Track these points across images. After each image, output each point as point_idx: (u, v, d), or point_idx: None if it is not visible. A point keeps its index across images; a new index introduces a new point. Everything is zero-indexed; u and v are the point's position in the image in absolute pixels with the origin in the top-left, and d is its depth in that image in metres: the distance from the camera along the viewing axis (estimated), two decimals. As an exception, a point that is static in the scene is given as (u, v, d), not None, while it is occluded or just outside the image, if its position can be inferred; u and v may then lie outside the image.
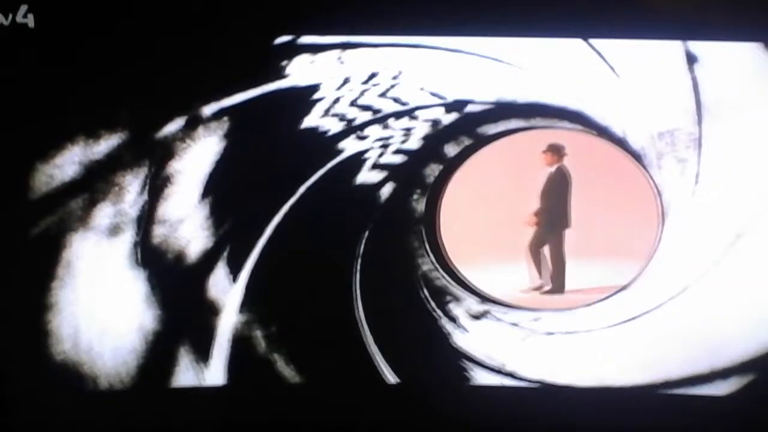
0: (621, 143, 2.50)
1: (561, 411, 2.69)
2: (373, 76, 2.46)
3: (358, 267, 2.56)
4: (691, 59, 2.39)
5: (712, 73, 2.43)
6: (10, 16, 2.38)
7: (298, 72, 2.46)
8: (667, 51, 2.44)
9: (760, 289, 2.53)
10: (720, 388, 2.60)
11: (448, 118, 2.50)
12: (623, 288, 2.57)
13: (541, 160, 2.73)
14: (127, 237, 2.61)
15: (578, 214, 2.62)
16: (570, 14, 2.41)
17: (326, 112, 2.45)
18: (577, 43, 2.42)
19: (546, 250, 2.70)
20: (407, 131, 2.48)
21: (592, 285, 2.64)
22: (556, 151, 2.65)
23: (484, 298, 2.63)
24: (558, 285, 2.73)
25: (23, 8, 2.38)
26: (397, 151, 2.50)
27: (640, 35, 2.42)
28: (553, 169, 2.71)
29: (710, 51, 2.43)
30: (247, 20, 2.44)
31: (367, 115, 2.47)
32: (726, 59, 2.42)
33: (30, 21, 2.39)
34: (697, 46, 2.42)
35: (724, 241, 2.52)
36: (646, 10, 2.40)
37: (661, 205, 2.52)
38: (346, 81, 2.46)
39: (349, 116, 2.48)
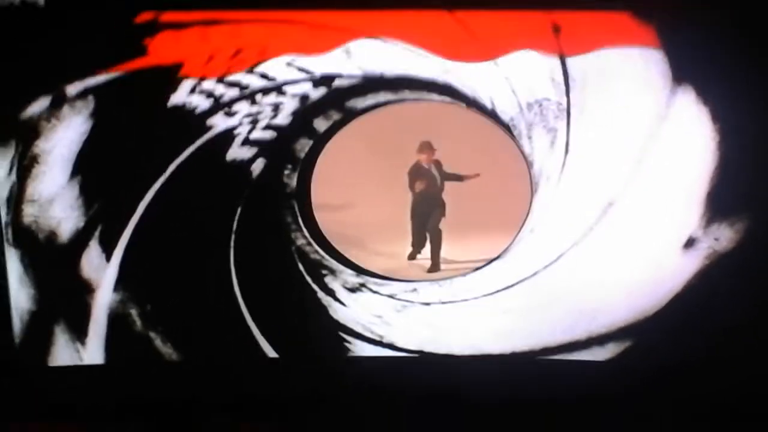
0: (491, 115, 2.47)
1: (441, 380, 2.75)
2: (238, 52, 2.40)
3: (233, 243, 2.53)
4: (557, 29, 2.35)
5: (579, 42, 2.39)
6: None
7: (162, 50, 2.41)
8: (533, 21, 2.37)
9: (632, 256, 2.55)
10: (598, 354, 2.68)
11: (316, 93, 2.49)
12: (497, 258, 2.54)
13: (420, 159, 2.85)
14: (-2, 217, 2.43)
15: (452, 188, 2.58)
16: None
17: (193, 90, 2.43)
18: (443, 15, 2.36)
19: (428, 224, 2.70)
20: (276, 107, 2.47)
21: (468, 256, 2.59)
22: (429, 147, 2.80)
23: (360, 271, 2.61)
24: (435, 264, 2.78)
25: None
26: (267, 127, 2.51)
27: (505, 5, 2.36)
28: (432, 164, 2.82)
29: (577, 21, 2.38)
30: (107, -3, 2.34)
31: (235, 92, 2.45)
32: (592, 29, 2.35)
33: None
34: (563, 17, 2.35)
35: (596, 209, 2.55)
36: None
37: (533, 175, 2.48)
38: (211, 58, 2.39)
39: (217, 93, 2.46)
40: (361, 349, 2.64)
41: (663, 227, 2.52)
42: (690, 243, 2.44)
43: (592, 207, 2.54)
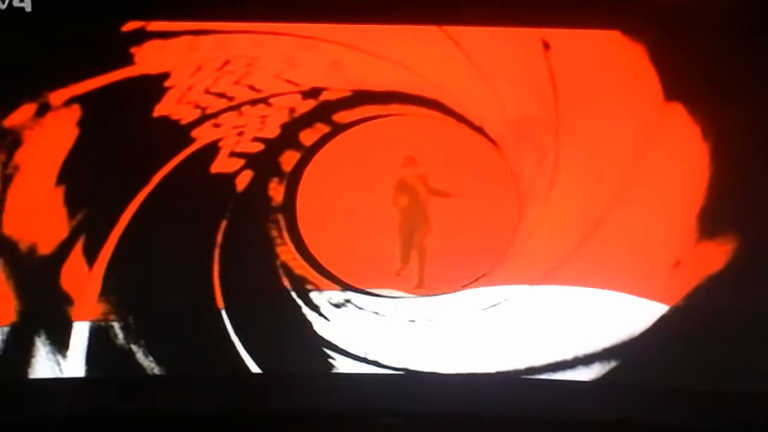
0: (479, 131, 2.43)
1: (425, 398, 2.72)
2: (226, 63, 2.38)
3: (217, 256, 2.49)
4: (547, 46, 2.34)
5: (568, 60, 2.37)
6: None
7: (149, 59, 2.38)
8: (523, 38, 2.37)
9: (620, 276, 2.46)
10: (583, 374, 2.66)
11: (304, 106, 2.43)
12: (483, 275, 2.51)
13: (404, 173, 2.76)
14: (-21, 226, 2.40)
15: (438, 204, 2.56)
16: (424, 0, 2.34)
17: (179, 100, 2.38)
18: (432, 30, 2.34)
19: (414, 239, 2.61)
20: (263, 119, 2.42)
21: (455, 274, 2.56)
22: (413, 162, 2.75)
23: (345, 287, 2.56)
24: (421, 280, 2.69)
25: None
26: (254, 139, 2.46)
27: (495, 22, 2.34)
28: (417, 179, 2.74)
29: (566, 38, 2.37)
30: (95, 5, 2.32)
31: (222, 103, 2.41)
32: (583, 46, 2.35)
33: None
34: (553, 34, 2.34)
35: (584, 227, 2.45)
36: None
37: (521, 193, 2.46)
38: (198, 68, 2.37)
39: (203, 104, 2.40)
40: (345, 365, 2.59)
41: (651, 247, 2.41)
42: (678, 263, 2.38)
43: (580, 225, 2.45)
